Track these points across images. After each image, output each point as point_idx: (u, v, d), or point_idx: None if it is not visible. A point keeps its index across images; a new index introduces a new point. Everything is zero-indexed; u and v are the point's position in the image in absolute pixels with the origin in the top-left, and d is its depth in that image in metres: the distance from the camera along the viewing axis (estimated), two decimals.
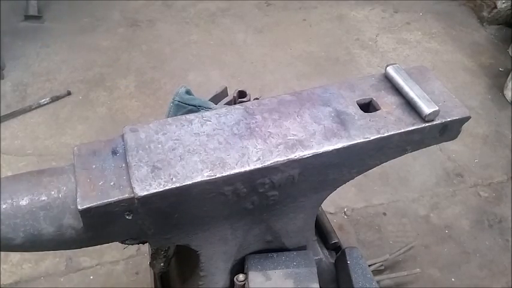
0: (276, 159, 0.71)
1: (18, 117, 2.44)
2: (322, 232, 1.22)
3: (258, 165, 0.70)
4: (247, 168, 0.69)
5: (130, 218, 0.67)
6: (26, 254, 1.81)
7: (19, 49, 2.87)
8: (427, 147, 0.86)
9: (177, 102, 0.92)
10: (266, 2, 3.34)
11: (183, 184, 0.66)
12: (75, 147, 0.72)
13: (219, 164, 0.69)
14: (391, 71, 0.85)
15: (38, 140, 2.33)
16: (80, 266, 1.84)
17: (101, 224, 0.67)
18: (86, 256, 1.86)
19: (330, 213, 2.05)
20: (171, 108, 0.92)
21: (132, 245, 0.79)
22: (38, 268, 1.82)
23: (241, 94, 1.00)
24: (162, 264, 1.07)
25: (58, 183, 0.71)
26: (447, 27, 3.22)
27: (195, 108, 0.91)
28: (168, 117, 0.88)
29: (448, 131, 0.82)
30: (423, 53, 3.01)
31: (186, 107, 0.92)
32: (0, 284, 1.76)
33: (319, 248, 1.06)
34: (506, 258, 1.93)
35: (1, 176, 0.72)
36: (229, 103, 1.02)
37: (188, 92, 0.95)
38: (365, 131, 0.76)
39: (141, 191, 0.65)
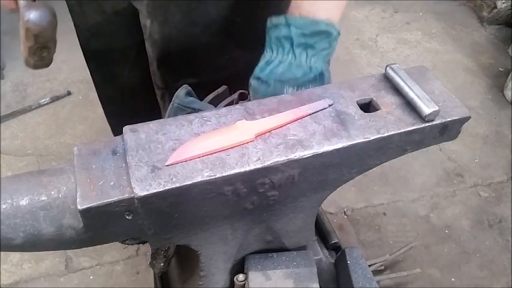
0: (276, 159, 0.71)
1: (18, 117, 2.45)
2: (322, 232, 1.22)
3: (258, 165, 0.70)
4: (247, 168, 0.69)
5: (130, 218, 0.67)
6: (26, 254, 1.81)
7: (19, 49, 2.87)
8: (427, 147, 0.86)
9: (176, 104, 0.91)
10: None
11: (183, 184, 0.66)
12: (75, 147, 0.72)
13: (219, 164, 0.69)
14: (391, 71, 0.85)
15: (38, 140, 2.34)
16: (80, 266, 1.84)
17: (101, 224, 0.67)
18: (86, 256, 1.86)
19: (330, 213, 2.06)
20: (171, 110, 0.91)
21: (132, 245, 0.80)
22: (38, 268, 1.82)
23: (243, 96, 1.00)
24: (162, 264, 1.07)
25: (58, 183, 0.71)
26: (447, 27, 3.22)
27: (195, 111, 0.90)
28: None
29: (448, 131, 0.82)
30: (423, 53, 3.01)
31: (185, 109, 0.91)
32: (0, 284, 1.76)
33: (319, 248, 1.06)
34: (506, 258, 1.93)
35: (1, 176, 0.72)
36: (229, 104, 1.02)
37: (189, 93, 0.94)
38: (365, 131, 0.76)
39: (141, 191, 0.65)
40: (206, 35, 0.99)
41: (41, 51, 0.71)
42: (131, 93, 0.98)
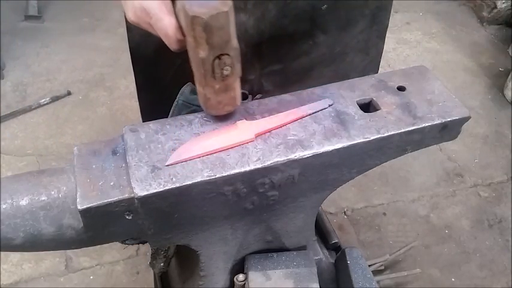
0: (276, 159, 0.71)
1: (18, 117, 2.45)
2: (322, 232, 1.22)
3: (258, 165, 0.70)
4: (247, 168, 0.69)
5: (130, 218, 0.67)
6: (26, 254, 1.81)
7: (19, 49, 2.86)
8: (427, 147, 0.86)
9: (181, 101, 0.92)
10: None
11: (183, 184, 0.66)
12: (75, 147, 0.72)
13: (219, 164, 0.69)
14: None
15: (38, 140, 2.34)
16: (80, 266, 1.84)
17: (101, 224, 0.67)
18: (86, 256, 1.86)
19: (330, 213, 2.05)
20: (175, 107, 0.92)
21: (132, 245, 0.79)
22: (38, 268, 1.82)
23: (243, 96, 1.00)
24: (162, 264, 1.07)
25: (58, 183, 0.71)
26: (447, 27, 3.22)
27: (199, 108, 0.91)
28: (172, 116, 0.88)
29: (448, 131, 0.82)
30: (423, 53, 3.01)
31: (190, 107, 0.92)
32: (0, 284, 1.76)
33: (319, 248, 1.06)
34: (506, 258, 1.93)
35: (1, 176, 0.72)
36: None
37: (194, 91, 0.95)
38: (365, 131, 0.76)
39: (141, 191, 0.65)
40: (294, 24, 1.04)
41: (220, 65, 0.55)
42: (170, 95, 1.00)
